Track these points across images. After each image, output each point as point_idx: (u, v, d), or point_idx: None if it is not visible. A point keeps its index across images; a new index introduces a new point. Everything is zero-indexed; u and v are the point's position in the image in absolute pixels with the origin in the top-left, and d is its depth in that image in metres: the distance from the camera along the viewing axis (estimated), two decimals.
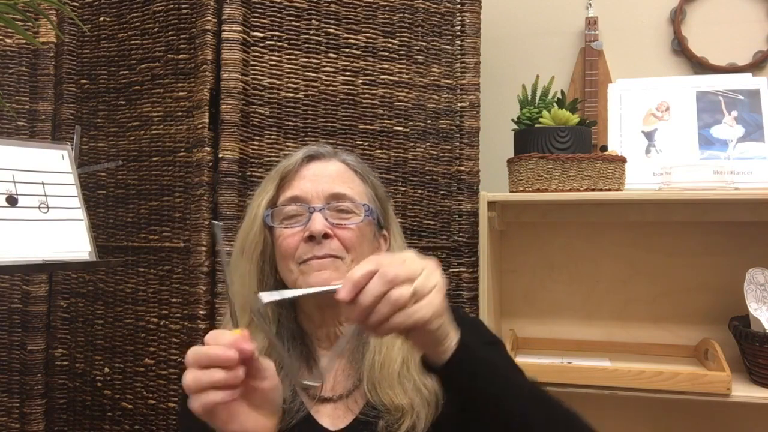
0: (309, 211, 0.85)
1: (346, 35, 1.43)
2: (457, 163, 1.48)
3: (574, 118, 1.38)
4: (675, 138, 1.47)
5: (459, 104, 1.49)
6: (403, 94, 1.46)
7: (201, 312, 1.32)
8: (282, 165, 0.91)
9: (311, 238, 0.83)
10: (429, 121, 1.47)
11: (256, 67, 1.38)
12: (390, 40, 1.46)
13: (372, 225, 0.90)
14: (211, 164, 1.34)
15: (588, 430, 0.73)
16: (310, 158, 0.91)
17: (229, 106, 1.33)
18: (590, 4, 1.75)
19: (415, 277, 0.62)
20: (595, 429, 0.73)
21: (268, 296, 0.63)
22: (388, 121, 1.45)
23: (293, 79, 1.40)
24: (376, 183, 0.94)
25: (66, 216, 1.05)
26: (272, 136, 1.38)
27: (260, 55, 1.38)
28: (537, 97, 1.43)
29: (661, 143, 1.48)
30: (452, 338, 0.67)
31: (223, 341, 0.64)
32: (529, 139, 1.39)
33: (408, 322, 0.61)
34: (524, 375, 0.79)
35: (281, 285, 0.89)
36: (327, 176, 0.88)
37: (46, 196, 1.04)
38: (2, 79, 1.53)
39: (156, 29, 1.46)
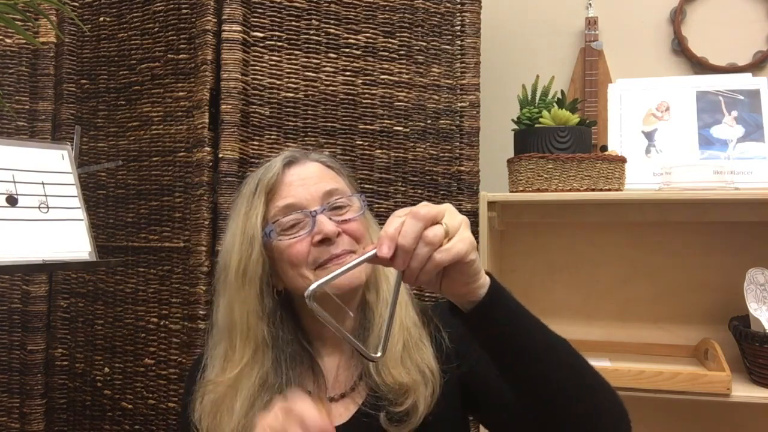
0: (311, 216, 0.84)
1: (346, 35, 1.43)
2: (457, 163, 1.48)
3: (574, 118, 1.38)
4: (675, 138, 1.47)
5: (459, 104, 1.49)
6: (403, 94, 1.46)
7: (201, 312, 1.32)
8: (263, 178, 0.88)
9: (323, 241, 0.83)
10: (429, 121, 1.47)
11: (256, 67, 1.38)
12: (390, 40, 1.46)
13: (367, 210, 0.92)
14: (211, 164, 1.34)
15: (611, 392, 0.74)
16: (288, 164, 0.90)
17: (229, 106, 1.33)
18: (590, 4, 1.75)
19: (441, 216, 0.64)
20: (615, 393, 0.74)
21: (315, 284, 0.64)
22: (388, 121, 1.45)
23: (293, 79, 1.40)
24: (346, 172, 0.96)
25: (66, 216, 1.05)
26: (272, 136, 1.38)
27: (260, 55, 1.38)
28: (537, 97, 1.43)
29: (661, 143, 1.48)
30: (484, 275, 0.68)
31: (315, 423, 0.66)
32: (529, 139, 1.39)
33: (448, 257, 0.62)
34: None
35: (282, 300, 0.88)
36: (312, 178, 0.88)
37: (46, 196, 1.04)
38: (2, 79, 1.53)
39: (156, 29, 1.46)
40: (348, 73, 1.43)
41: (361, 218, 0.88)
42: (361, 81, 1.43)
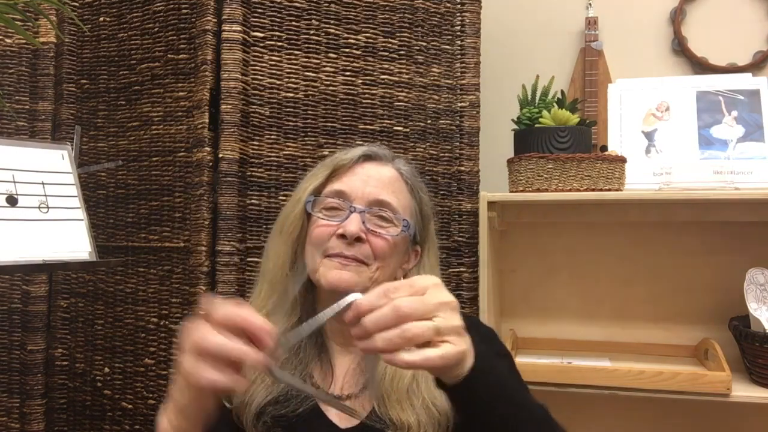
0: (349, 210, 0.86)
1: (346, 35, 1.43)
2: (457, 163, 1.48)
3: (574, 118, 1.38)
4: (675, 138, 1.47)
5: (459, 104, 1.49)
6: (403, 94, 1.46)
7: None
8: (338, 156, 0.92)
9: (343, 237, 0.84)
10: (429, 121, 1.47)
11: (256, 67, 1.38)
12: (390, 40, 1.46)
13: (407, 240, 0.91)
14: (211, 164, 1.34)
15: None
16: (367, 158, 0.92)
17: (229, 106, 1.33)
18: (590, 4, 1.75)
19: (432, 314, 0.58)
20: None
21: (293, 337, 0.65)
22: (388, 121, 1.45)
23: (293, 79, 1.40)
24: (424, 199, 0.95)
25: (66, 216, 1.05)
26: (272, 136, 1.38)
27: (260, 55, 1.38)
28: (537, 97, 1.43)
29: (661, 143, 1.48)
30: (468, 362, 0.63)
31: (259, 321, 0.59)
32: (529, 139, 1.39)
33: (434, 362, 0.57)
34: (531, 395, 0.77)
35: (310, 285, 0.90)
36: (377, 180, 0.89)
37: (46, 196, 1.04)
38: (2, 79, 1.53)
39: (156, 29, 1.46)
40: (348, 73, 1.43)
41: (393, 240, 0.86)
42: (361, 81, 1.43)
